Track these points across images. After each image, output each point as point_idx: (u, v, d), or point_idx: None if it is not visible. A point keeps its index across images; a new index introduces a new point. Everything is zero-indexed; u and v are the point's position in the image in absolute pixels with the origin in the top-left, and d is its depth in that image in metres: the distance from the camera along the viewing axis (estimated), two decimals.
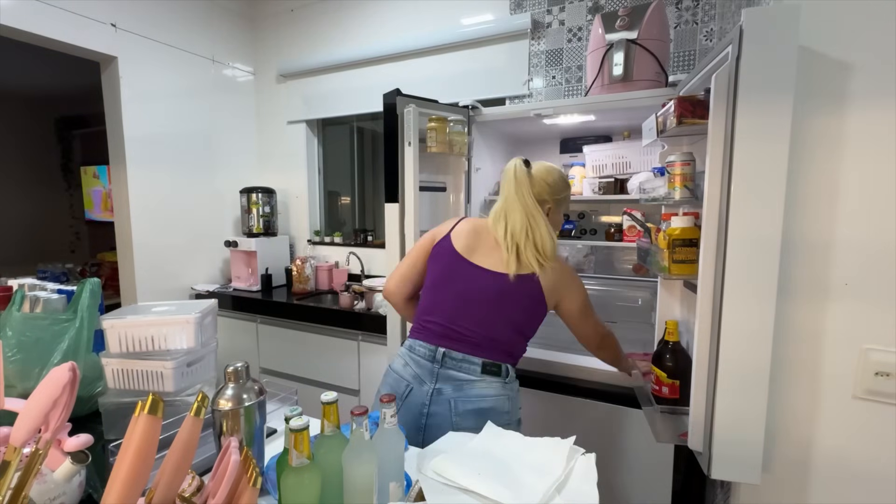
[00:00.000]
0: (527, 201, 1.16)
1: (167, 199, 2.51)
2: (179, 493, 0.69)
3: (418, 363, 1.17)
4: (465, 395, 1.12)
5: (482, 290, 1.16)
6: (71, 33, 2.06)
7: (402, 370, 1.19)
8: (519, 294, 1.15)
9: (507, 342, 1.17)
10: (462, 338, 1.15)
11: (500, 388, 1.14)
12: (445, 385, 1.13)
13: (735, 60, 0.88)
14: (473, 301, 1.16)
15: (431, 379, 1.14)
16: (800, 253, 0.94)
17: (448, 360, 1.14)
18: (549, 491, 0.77)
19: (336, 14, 2.65)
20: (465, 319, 1.15)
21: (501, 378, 1.15)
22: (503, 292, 1.14)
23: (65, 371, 0.66)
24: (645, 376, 1.39)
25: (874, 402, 0.92)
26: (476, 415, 1.11)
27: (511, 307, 1.15)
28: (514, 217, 1.16)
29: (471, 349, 1.14)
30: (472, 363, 1.13)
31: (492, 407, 1.12)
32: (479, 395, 1.12)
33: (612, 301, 1.77)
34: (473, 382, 1.13)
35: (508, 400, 1.15)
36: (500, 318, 1.15)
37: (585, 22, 2.04)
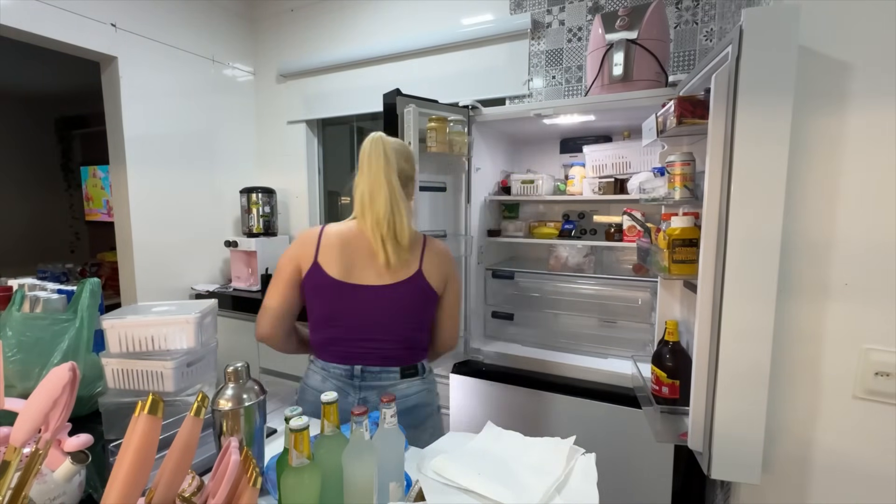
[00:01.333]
0: (392, 182, 1.07)
1: (167, 199, 2.50)
2: (179, 493, 0.69)
3: (338, 378, 1.14)
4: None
5: (377, 308, 1.12)
6: (71, 33, 2.06)
7: (321, 385, 1.15)
8: (410, 295, 1.14)
9: (415, 344, 1.19)
10: (374, 352, 1.14)
11: (420, 384, 1.19)
12: (370, 394, 1.14)
13: (735, 60, 0.88)
14: (370, 322, 1.12)
15: (355, 391, 1.14)
16: (800, 253, 0.94)
17: (367, 375, 1.14)
18: (550, 491, 0.77)
19: (336, 14, 2.65)
20: (370, 339, 1.13)
21: (420, 375, 1.19)
22: (396, 301, 1.13)
23: (65, 371, 0.66)
24: None
25: (874, 402, 0.92)
26: (403, 415, 1.12)
27: (409, 311, 1.16)
28: (378, 203, 1.06)
29: (384, 361, 1.15)
30: (390, 372, 1.15)
31: (416, 404, 1.17)
32: (403, 395, 1.15)
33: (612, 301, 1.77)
34: (395, 386, 1.15)
35: (429, 393, 1.21)
36: (401, 326, 1.15)
37: (585, 22, 2.04)
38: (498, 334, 1.96)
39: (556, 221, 1.95)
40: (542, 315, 1.89)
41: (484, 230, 1.97)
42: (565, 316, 1.87)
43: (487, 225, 2.02)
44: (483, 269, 1.95)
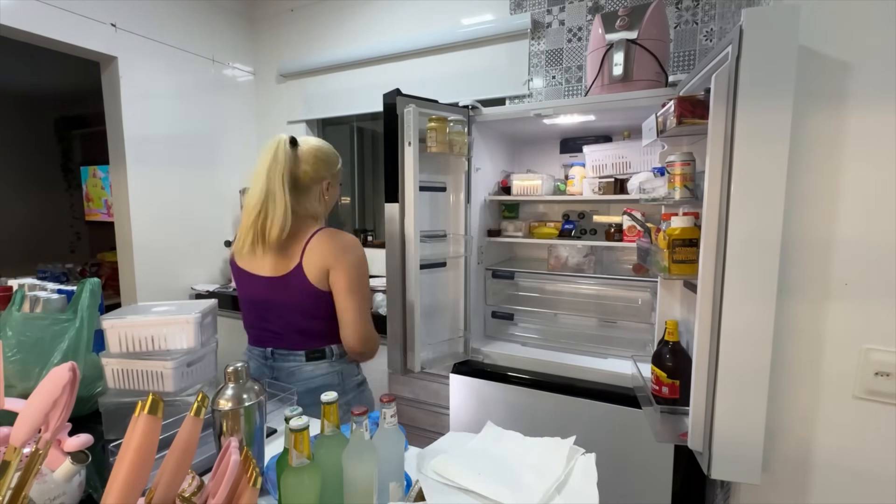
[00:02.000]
0: (272, 181, 1.09)
1: (167, 199, 2.51)
2: (179, 493, 0.69)
3: (256, 360, 1.29)
4: (295, 379, 1.23)
5: (266, 297, 1.22)
6: (71, 33, 2.06)
7: (252, 369, 1.29)
8: (291, 289, 1.18)
9: (316, 332, 1.23)
10: (277, 336, 1.24)
11: (326, 367, 1.24)
12: (280, 374, 1.24)
13: (735, 60, 0.88)
14: (266, 309, 1.23)
15: (269, 372, 1.26)
16: (800, 253, 0.94)
17: (277, 356, 1.25)
18: (550, 491, 0.77)
19: (336, 14, 2.65)
20: (272, 324, 1.24)
21: (327, 359, 1.24)
22: (282, 293, 1.19)
23: (65, 371, 0.66)
24: None
25: (874, 402, 0.92)
26: (308, 394, 1.19)
27: (295, 303, 1.19)
28: (251, 200, 1.11)
29: (289, 344, 1.24)
30: (296, 355, 1.24)
31: (321, 385, 1.22)
32: (309, 377, 1.23)
33: (612, 301, 1.77)
34: (301, 367, 1.23)
35: (338, 374, 1.26)
36: (295, 316, 1.21)
37: (585, 22, 2.04)
38: (498, 334, 1.96)
39: (556, 221, 1.95)
40: (541, 315, 1.89)
41: (484, 230, 1.97)
42: (565, 316, 1.87)
43: (487, 225, 2.02)
44: (483, 269, 1.95)
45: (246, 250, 1.16)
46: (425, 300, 1.69)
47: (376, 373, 2.11)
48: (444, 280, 1.81)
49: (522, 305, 1.91)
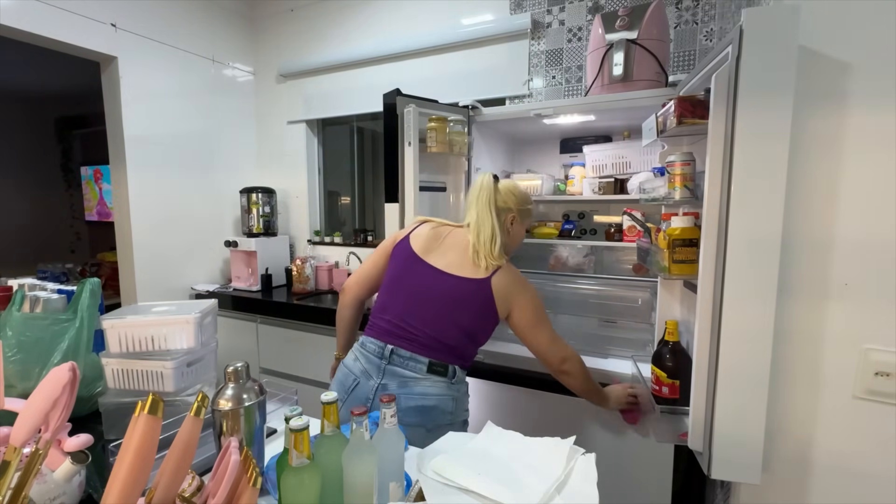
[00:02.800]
0: (489, 210, 1.21)
1: (167, 199, 2.51)
2: (179, 493, 0.69)
3: (368, 359, 1.20)
4: (408, 391, 1.14)
5: (432, 289, 1.19)
6: (71, 33, 2.06)
7: (352, 365, 1.22)
8: (469, 297, 1.17)
9: (455, 345, 1.18)
10: (411, 336, 1.18)
11: (444, 388, 1.16)
12: (391, 381, 1.16)
13: (735, 60, 0.88)
14: (424, 300, 1.19)
15: (378, 374, 1.17)
16: (800, 253, 0.94)
17: (395, 357, 1.17)
18: (550, 491, 0.77)
19: (336, 14, 2.65)
20: (415, 319, 1.18)
21: (447, 378, 1.17)
22: (453, 294, 1.18)
23: (65, 371, 0.66)
24: (627, 415, 1.36)
25: (874, 402, 0.92)
26: (418, 412, 1.13)
27: (460, 310, 1.17)
28: (475, 224, 1.22)
29: (418, 349, 1.17)
30: (418, 362, 1.16)
31: (435, 406, 1.15)
32: (423, 392, 1.15)
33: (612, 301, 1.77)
34: (418, 380, 1.15)
35: (453, 400, 1.17)
36: (449, 319, 1.17)
37: (585, 22, 2.04)
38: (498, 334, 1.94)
39: (556, 221, 1.95)
40: None
41: None
42: (565, 316, 1.87)
43: None
44: None
45: (442, 252, 1.22)
46: None
47: None
48: None
49: None
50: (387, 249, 1.31)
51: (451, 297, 1.17)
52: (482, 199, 1.23)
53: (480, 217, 1.21)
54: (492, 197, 1.23)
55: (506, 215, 1.26)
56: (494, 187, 1.24)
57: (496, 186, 1.25)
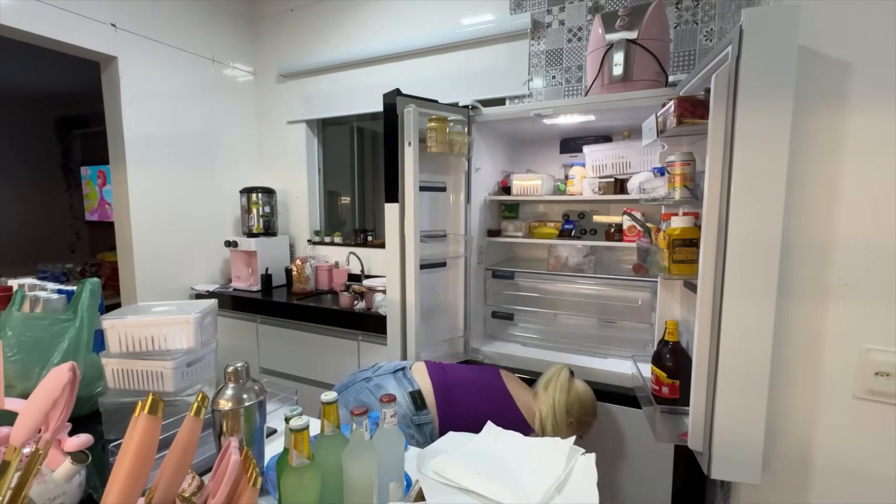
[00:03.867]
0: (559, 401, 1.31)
1: (167, 199, 2.51)
2: (179, 493, 0.69)
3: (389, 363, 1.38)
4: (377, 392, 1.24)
5: (494, 398, 1.34)
6: (71, 33, 2.06)
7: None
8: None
9: (462, 417, 1.23)
10: (445, 385, 1.30)
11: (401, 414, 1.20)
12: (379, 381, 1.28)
13: (735, 60, 0.88)
14: (481, 391, 1.35)
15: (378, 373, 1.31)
16: (800, 253, 0.94)
17: (400, 373, 1.32)
18: (550, 491, 0.77)
19: (336, 14, 2.65)
20: (464, 393, 1.31)
21: (414, 411, 1.22)
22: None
23: (65, 371, 0.66)
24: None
25: (874, 402, 0.92)
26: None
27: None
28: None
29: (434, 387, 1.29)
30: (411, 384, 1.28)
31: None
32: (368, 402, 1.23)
33: (612, 301, 1.77)
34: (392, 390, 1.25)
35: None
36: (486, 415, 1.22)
37: (585, 22, 2.04)
38: (498, 334, 1.96)
39: (556, 221, 1.95)
40: (541, 315, 1.89)
41: (484, 230, 1.97)
42: (565, 316, 1.87)
43: (487, 225, 2.02)
44: (483, 269, 1.95)
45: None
46: (425, 300, 1.69)
47: None
48: (444, 280, 1.81)
49: (522, 305, 1.91)
50: None
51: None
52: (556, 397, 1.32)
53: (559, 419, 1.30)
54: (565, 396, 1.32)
55: (568, 418, 1.32)
56: (569, 384, 1.35)
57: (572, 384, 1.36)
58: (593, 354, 1.69)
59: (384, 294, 1.95)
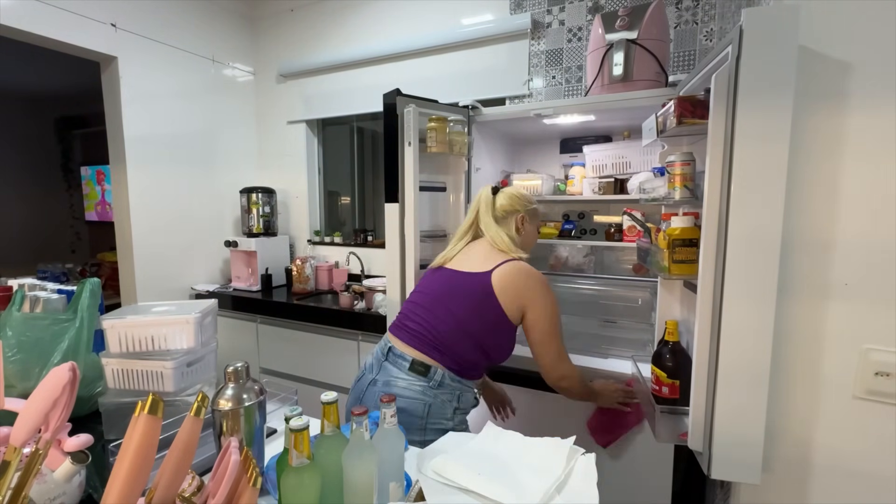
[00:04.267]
0: (492, 218, 1.30)
1: (167, 199, 2.51)
2: (179, 493, 0.69)
3: (374, 354, 1.27)
4: (387, 390, 1.16)
5: (439, 285, 1.26)
6: (71, 33, 2.06)
7: (366, 360, 1.29)
8: (469, 287, 1.19)
9: (448, 337, 1.16)
10: (411, 329, 1.21)
11: (419, 392, 1.14)
12: (381, 378, 1.19)
13: (735, 60, 0.88)
14: (429, 293, 1.25)
15: (377, 370, 1.21)
16: (800, 253, 0.94)
17: (390, 355, 1.21)
18: (550, 491, 0.77)
19: (336, 14, 2.65)
20: (417, 309, 1.24)
21: (426, 380, 1.14)
22: (453, 284, 1.22)
23: (65, 371, 0.66)
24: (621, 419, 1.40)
25: (874, 402, 0.92)
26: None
27: (457, 299, 1.19)
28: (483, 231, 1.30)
29: (410, 340, 1.19)
30: (404, 359, 1.17)
31: (404, 408, 1.12)
32: (399, 394, 1.13)
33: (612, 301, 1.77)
34: (398, 380, 1.16)
35: (425, 405, 1.13)
36: (447, 309, 1.19)
37: (585, 22, 2.04)
38: None
39: (556, 221, 1.95)
40: None
41: None
42: (565, 316, 1.87)
43: None
44: None
45: (448, 257, 1.29)
46: None
47: None
48: None
49: None
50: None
51: (453, 289, 1.22)
52: (482, 209, 1.31)
53: (486, 224, 1.30)
54: (490, 206, 1.31)
55: (514, 217, 1.31)
56: (493, 199, 1.32)
57: (494, 198, 1.33)
58: (593, 354, 1.69)
59: (384, 294, 1.95)
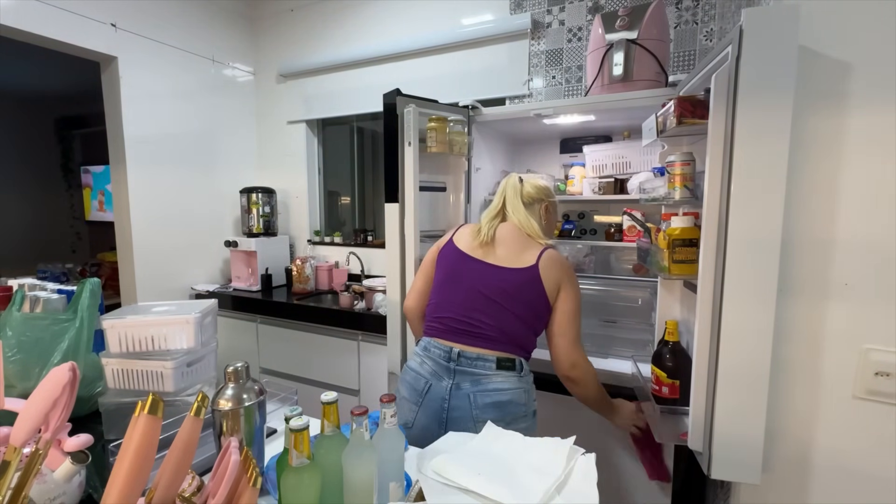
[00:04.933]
0: (521, 202, 1.30)
1: (167, 199, 2.51)
2: (179, 493, 0.69)
3: (435, 361, 1.20)
4: (483, 388, 1.15)
5: (490, 283, 1.20)
6: (71, 33, 2.06)
7: (419, 368, 1.23)
8: (523, 286, 1.19)
9: (518, 336, 1.20)
10: (476, 332, 1.19)
11: (516, 382, 1.17)
12: (464, 380, 1.16)
13: (735, 60, 0.88)
14: (484, 295, 1.20)
15: (449, 375, 1.18)
16: (800, 253, 0.94)
17: (463, 360, 1.17)
18: (550, 491, 0.77)
19: (336, 14, 2.65)
20: (479, 313, 1.19)
21: (516, 372, 1.18)
22: (510, 285, 1.19)
23: (65, 371, 0.66)
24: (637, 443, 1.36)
25: (874, 402, 0.92)
26: (495, 407, 1.14)
27: (518, 300, 1.19)
28: (512, 213, 1.29)
29: (485, 344, 1.18)
30: (486, 360, 1.17)
31: (510, 400, 1.15)
32: (497, 388, 1.15)
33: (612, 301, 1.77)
34: (490, 377, 1.16)
35: (525, 392, 1.19)
36: (510, 312, 1.18)
37: (585, 22, 2.04)
38: None
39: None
40: None
41: None
42: None
43: None
44: None
45: (482, 240, 1.25)
46: None
47: (376, 372, 2.11)
48: None
49: None
50: (432, 258, 1.34)
51: (509, 288, 1.19)
52: (510, 193, 1.31)
53: (515, 207, 1.29)
54: (518, 192, 1.31)
55: (539, 206, 1.33)
56: (520, 186, 1.33)
57: (521, 186, 1.33)
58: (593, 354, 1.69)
59: (384, 294, 1.95)
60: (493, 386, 1.15)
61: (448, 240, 1.31)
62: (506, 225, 1.28)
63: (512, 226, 1.27)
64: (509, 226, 1.28)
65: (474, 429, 1.09)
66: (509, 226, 1.28)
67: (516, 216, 1.28)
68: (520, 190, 1.31)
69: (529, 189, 1.32)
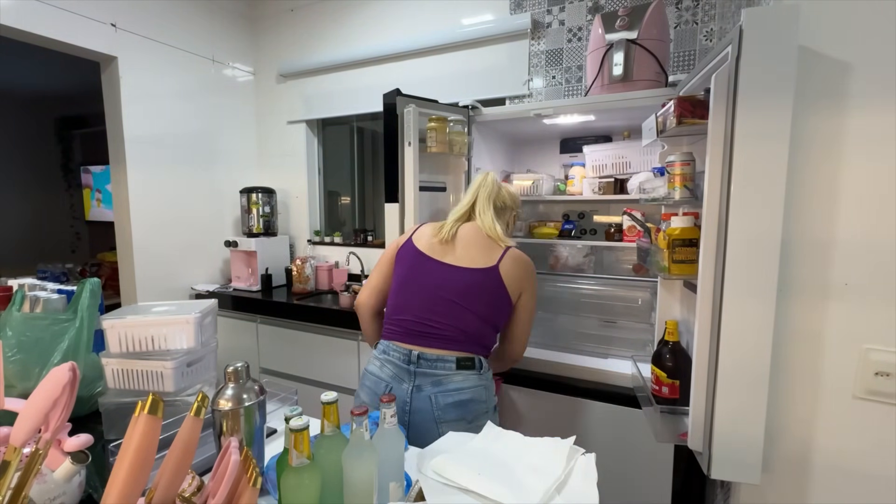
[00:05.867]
0: (492, 206, 1.31)
1: (167, 199, 2.51)
2: (179, 493, 0.69)
3: (395, 364, 1.20)
4: (444, 389, 1.16)
5: (446, 284, 1.21)
6: (71, 33, 2.06)
7: (379, 372, 1.22)
8: (484, 286, 1.21)
9: (477, 335, 1.21)
10: (434, 333, 1.19)
11: (476, 380, 1.19)
12: (424, 381, 1.17)
13: (735, 60, 0.88)
14: (441, 296, 1.21)
15: (409, 377, 1.18)
16: (800, 253, 0.94)
17: (423, 362, 1.18)
18: (550, 491, 0.77)
19: (336, 14, 2.65)
20: (436, 315, 1.20)
21: (476, 370, 1.20)
22: (468, 285, 1.20)
23: (65, 371, 0.66)
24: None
25: (874, 402, 0.92)
26: (457, 407, 1.15)
27: (477, 300, 1.20)
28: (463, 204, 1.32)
29: (444, 344, 1.19)
30: (446, 361, 1.17)
31: (471, 398, 1.17)
32: (458, 388, 1.16)
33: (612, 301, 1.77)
34: (450, 377, 1.17)
35: (485, 389, 1.21)
36: (468, 311, 1.19)
37: (585, 22, 2.04)
38: None
39: (556, 221, 1.95)
40: (542, 315, 1.89)
41: None
42: (565, 316, 1.87)
43: None
44: None
45: (443, 237, 1.25)
46: None
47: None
48: None
49: None
50: (391, 255, 1.32)
51: (467, 288, 1.20)
52: (483, 194, 1.31)
53: (483, 209, 1.30)
54: (491, 192, 1.31)
55: (510, 214, 1.37)
56: (497, 189, 1.33)
57: (499, 189, 1.34)
58: (593, 354, 1.69)
59: None
60: (454, 386, 1.16)
61: (407, 238, 1.31)
62: (469, 225, 1.29)
63: (475, 227, 1.28)
64: (473, 226, 1.28)
65: (437, 430, 1.11)
66: (473, 226, 1.28)
67: (483, 219, 1.28)
68: (494, 193, 1.32)
69: (505, 196, 1.35)
